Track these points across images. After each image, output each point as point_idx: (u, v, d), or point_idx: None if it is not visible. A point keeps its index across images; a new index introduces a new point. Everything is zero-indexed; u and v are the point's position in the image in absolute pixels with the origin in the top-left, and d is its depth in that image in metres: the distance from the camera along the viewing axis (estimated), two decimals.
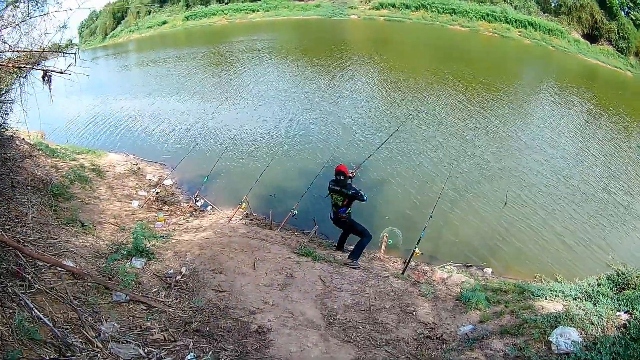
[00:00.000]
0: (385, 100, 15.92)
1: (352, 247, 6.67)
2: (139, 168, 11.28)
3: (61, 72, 5.71)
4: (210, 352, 3.85)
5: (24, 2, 6.06)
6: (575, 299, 4.93)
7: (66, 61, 5.94)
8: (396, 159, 11.02)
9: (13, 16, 6.04)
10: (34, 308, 3.61)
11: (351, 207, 6.52)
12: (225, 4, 46.46)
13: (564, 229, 8.58)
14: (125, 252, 5.66)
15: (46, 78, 6.02)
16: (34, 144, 10.40)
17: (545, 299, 5.13)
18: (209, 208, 9.19)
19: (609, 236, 8.56)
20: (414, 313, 5.09)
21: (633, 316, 4.15)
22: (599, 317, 4.24)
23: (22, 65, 6.15)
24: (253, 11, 44.30)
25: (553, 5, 36.30)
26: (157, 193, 9.52)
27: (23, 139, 10.18)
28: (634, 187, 10.70)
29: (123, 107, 17.62)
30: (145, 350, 3.73)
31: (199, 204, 9.30)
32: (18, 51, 6.08)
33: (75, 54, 5.85)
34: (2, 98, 7.52)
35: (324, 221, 7.74)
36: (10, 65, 6.04)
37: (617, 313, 4.29)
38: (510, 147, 12.41)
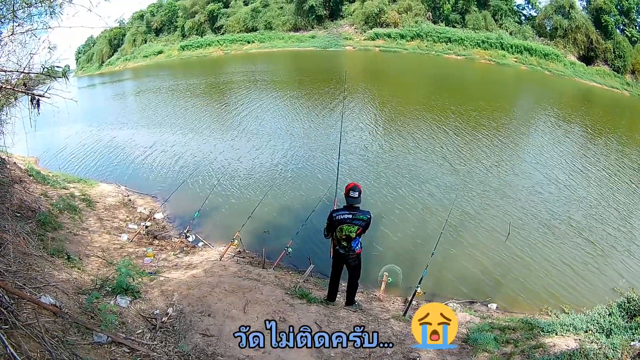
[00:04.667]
0: (386, 135, 15.90)
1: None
2: (130, 200, 11.04)
3: (42, 96, 5.53)
4: None
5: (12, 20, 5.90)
6: (587, 332, 4.80)
7: (55, 84, 5.79)
8: (394, 193, 10.73)
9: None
10: (8, 345, 3.34)
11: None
12: (221, 34, 47.25)
13: (568, 258, 8.35)
14: (109, 289, 5.33)
15: (34, 102, 5.86)
16: (25, 170, 10.22)
17: (556, 334, 4.93)
18: (200, 244, 8.86)
19: (614, 262, 8.34)
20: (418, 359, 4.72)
21: None
22: (613, 349, 4.11)
23: (15, 89, 5.98)
24: (248, 42, 45.12)
25: (548, 29, 36.83)
26: (147, 227, 9.21)
27: (15, 163, 9.98)
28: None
29: (117, 137, 17.69)
30: None
31: (190, 239, 8.95)
32: (4, 71, 5.90)
33: (64, 76, 5.70)
34: None
35: (320, 259, 7.42)
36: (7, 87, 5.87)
37: (632, 343, 4.20)
38: (511, 177, 12.19)
